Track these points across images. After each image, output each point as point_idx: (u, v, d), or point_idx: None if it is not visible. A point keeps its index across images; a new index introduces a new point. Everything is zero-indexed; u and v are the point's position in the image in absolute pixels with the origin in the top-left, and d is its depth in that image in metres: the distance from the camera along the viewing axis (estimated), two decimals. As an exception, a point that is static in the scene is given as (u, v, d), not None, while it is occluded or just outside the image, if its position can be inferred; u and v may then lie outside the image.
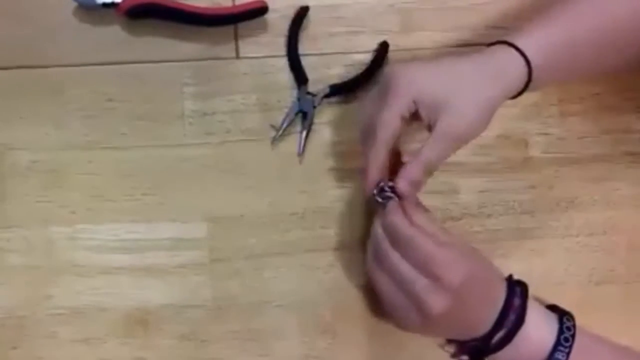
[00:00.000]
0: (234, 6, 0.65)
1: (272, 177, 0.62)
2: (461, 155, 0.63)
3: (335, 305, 0.60)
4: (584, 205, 0.63)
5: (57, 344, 0.58)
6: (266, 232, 0.61)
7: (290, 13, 0.65)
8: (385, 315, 0.57)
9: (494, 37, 0.65)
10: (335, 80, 0.64)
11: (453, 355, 0.56)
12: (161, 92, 0.63)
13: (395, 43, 0.66)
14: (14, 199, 0.60)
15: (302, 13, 0.65)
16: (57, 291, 0.59)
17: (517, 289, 0.54)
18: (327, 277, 0.60)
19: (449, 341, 0.56)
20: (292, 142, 0.63)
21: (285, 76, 0.64)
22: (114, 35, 0.64)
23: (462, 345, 0.55)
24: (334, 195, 0.62)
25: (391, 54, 0.65)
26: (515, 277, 0.55)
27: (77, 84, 0.63)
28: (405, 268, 0.52)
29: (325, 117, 0.64)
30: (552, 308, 0.55)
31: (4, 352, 0.58)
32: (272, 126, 0.63)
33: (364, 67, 0.65)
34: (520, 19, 0.66)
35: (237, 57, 0.65)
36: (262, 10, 0.64)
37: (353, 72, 0.64)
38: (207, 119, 0.63)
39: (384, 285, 0.54)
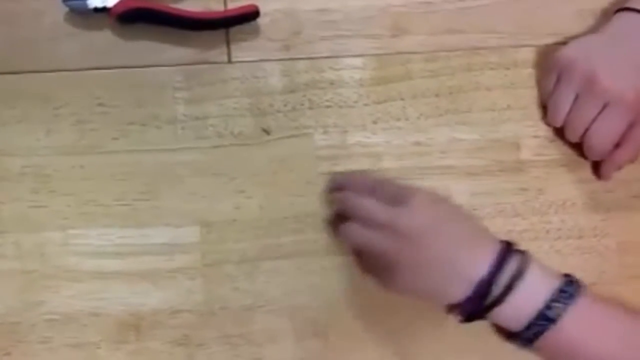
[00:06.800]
0: (226, 11, 0.65)
1: (265, 181, 0.62)
2: (453, 158, 0.63)
3: (328, 309, 0.60)
4: (575, 207, 0.63)
5: (51, 350, 0.58)
6: (259, 236, 0.61)
7: (282, 17, 0.65)
8: (368, 272, 0.57)
9: (485, 41, 0.66)
10: (325, 85, 0.64)
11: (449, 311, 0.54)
12: (153, 97, 0.63)
13: (387, 47, 0.66)
14: (6, 204, 0.60)
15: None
16: (49, 297, 0.59)
17: (514, 247, 0.53)
18: (320, 281, 0.60)
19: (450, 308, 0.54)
20: (284, 146, 0.63)
21: (277, 80, 0.64)
22: (105, 40, 0.64)
23: (460, 305, 0.53)
24: (326, 199, 0.62)
25: (382, 58, 0.66)
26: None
27: (68, 89, 0.63)
28: (374, 204, 0.55)
29: (315, 120, 0.64)
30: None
31: (-3, 359, 0.58)
32: (264, 130, 0.63)
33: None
34: (511, 23, 0.67)
35: (229, 61, 0.65)
36: (254, 14, 0.64)
37: (345, 76, 0.65)
38: (199, 124, 0.63)
39: (356, 232, 0.56)
